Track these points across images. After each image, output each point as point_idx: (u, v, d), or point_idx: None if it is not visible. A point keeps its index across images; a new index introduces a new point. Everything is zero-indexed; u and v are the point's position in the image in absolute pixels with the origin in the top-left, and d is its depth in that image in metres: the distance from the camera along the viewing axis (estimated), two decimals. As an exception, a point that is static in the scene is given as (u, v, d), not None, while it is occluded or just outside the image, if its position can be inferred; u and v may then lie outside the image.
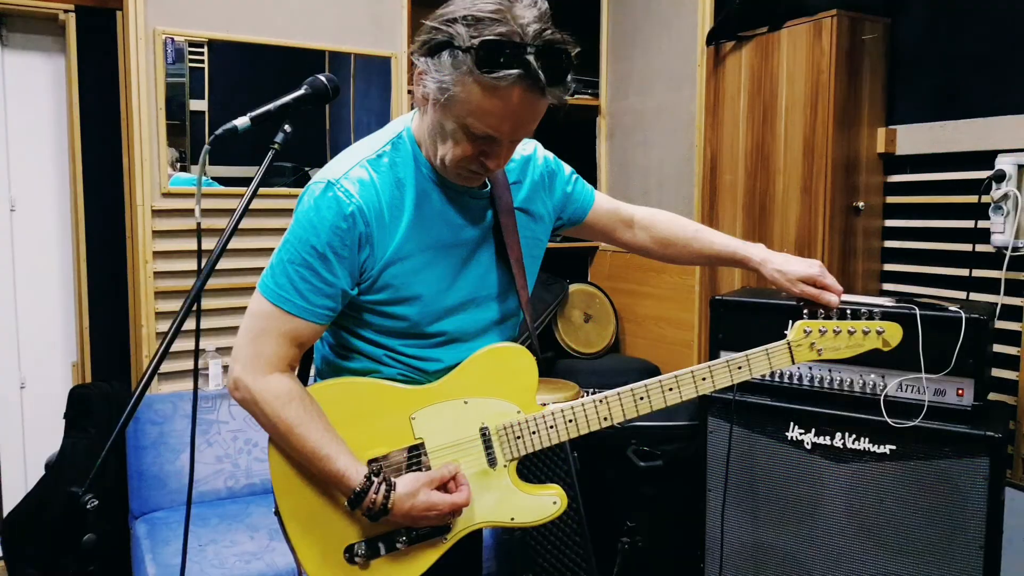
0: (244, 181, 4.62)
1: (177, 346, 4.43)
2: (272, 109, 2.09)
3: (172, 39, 4.42)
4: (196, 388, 2.14)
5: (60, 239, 4.83)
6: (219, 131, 2.01)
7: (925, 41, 4.15)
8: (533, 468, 3.70)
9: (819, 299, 2.45)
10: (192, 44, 4.54)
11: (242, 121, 2.02)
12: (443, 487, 2.21)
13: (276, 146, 2.08)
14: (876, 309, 3.08)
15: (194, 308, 2.05)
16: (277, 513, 2.25)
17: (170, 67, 4.48)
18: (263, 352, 2.13)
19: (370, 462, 2.22)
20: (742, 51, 4.57)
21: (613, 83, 5.79)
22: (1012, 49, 3.77)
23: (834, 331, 2.39)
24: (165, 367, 4.50)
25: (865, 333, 2.42)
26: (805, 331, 2.39)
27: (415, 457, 2.25)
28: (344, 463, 2.12)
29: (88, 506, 1.68)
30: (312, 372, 2.44)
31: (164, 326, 4.44)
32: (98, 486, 4.19)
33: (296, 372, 2.24)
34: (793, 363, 2.39)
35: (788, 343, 2.39)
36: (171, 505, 4.22)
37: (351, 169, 2.14)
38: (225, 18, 4.57)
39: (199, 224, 2.09)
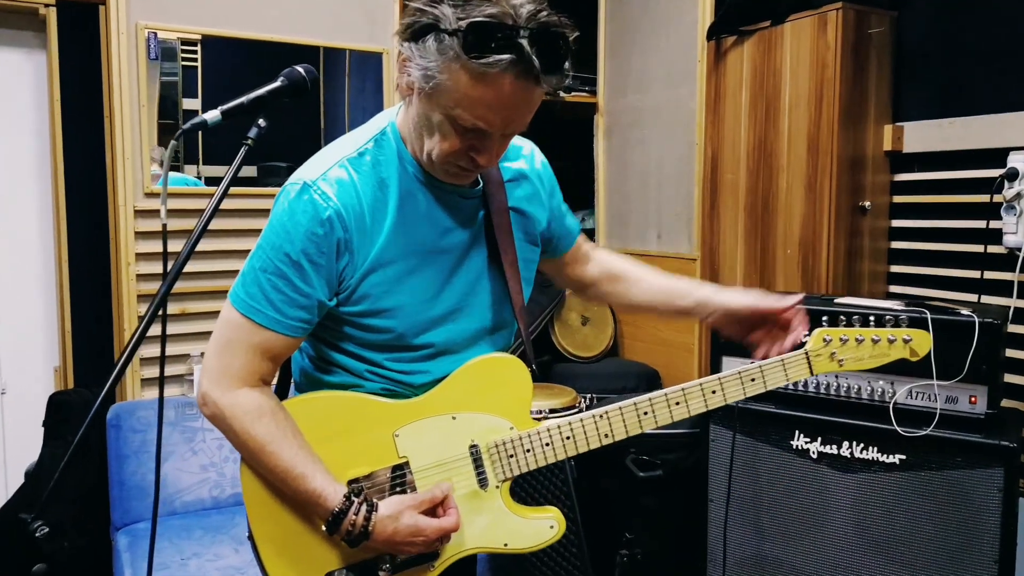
0: (238, 181, 4.48)
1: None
2: (245, 102, 1.97)
3: (155, 34, 4.31)
4: (162, 396, 2.03)
5: (41, 240, 4.69)
6: (187, 125, 1.90)
7: (933, 35, 4.04)
8: (527, 477, 3.57)
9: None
10: (184, 42, 4.44)
11: (212, 115, 1.91)
12: (431, 510, 2.07)
13: (249, 142, 1.95)
14: (887, 313, 2.98)
15: (162, 313, 1.92)
16: (251, 538, 2.11)
17: (163, 65, 4.39)
18: (232, 365, 2.00)
19: (351, 482, 2.07)
20: (744, 46, 4.46)
21: (611, 80, 5.67)
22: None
23: (856, 340, 2.22)
24: (148, 373, 4.40)
25: (891, 342, 2.24)
26: (825, 339, 2.22)
27: (399, 477, 2.11)
28: (320, 483, 1.98)
29: (38, 534, 1.54)
30: (291, 385, 2.29)
31: (148, 330, 4.30)
32: (73, 498, 4.09)
33: (272, 386, 2.10)
34: (812, 375, 2.22)
35: (806, 353, 2.22)
36: (152, 516, 4.07)
37: (329, 169, 2.00)
38: (211, 13, 4.46)
39: (164, 225, 1.97)
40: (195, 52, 4.48)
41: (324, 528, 2.00)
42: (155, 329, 4.33)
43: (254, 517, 2.08)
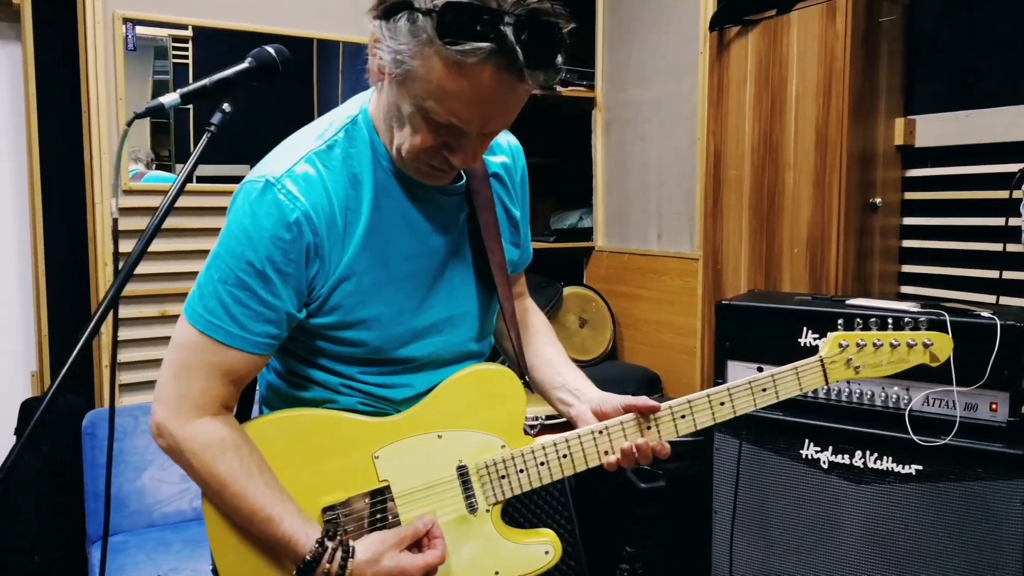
0: (232, 179, 4.36)
1: (140, 355, 4.25)
2: (208, 85, 1.79)
3: (132, 24, 4.16)
4: (113, 405, 1.84)
5: (17, 240, 4.53)
6: (141, 110, 1.71)
7: (947, 23, 3.90)
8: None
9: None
10: (176, 39, 4.33)
11: (170, 98, 1.73)
12: (415, 543, 1.88)
13: (212, 128, 1.76)
14: (904, 316, 2.84)
15: (112, 316, 1.73)
16: (214, 571, 1.93)
17: (155, 64, 4.29)
18: (190, 392, 1.80)
19: (325, 510, 1.89)
20: (748, 36, 4.30)
21: (610, 73, 5.51)
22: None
23: (874, 344, 2.07)
24: (126, 378, 4.25)
25: (910, 346, 2.09)
26: (840, 345, 2.06)
27: (379, 504, 1.93)
28: (290, 526, 1.79)
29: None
30: (256, 399, 2.10)
31: (125, 333, 4.21)
32: (47, 509, 3.94)
33: (234, 411, 1.91)
34: (827, 383, 2.07)
35: (821, 360, 2.06)
36: (131, 528, 3.92)
37: (295, 164, 1.80)
38: (192, 4, 4.32)
39: (115, 220, 1.78)
40: (186, 49, 4.37)
41: (295, 575, 1.82)
42: (132, 332, 4.19)
43: (219, 552, 1.90)
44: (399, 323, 1.90)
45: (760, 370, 3.36)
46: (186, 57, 4.37)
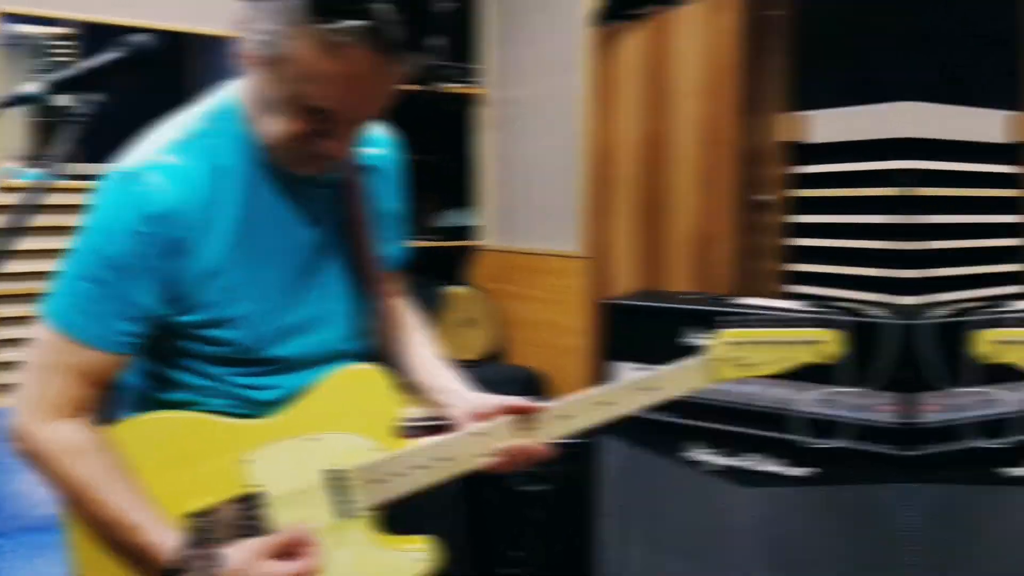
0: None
1: (21, 355, 4.06)
2: (76, 74, 1.67)
3: (5, 18, 4.02)
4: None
5: None
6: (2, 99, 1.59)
7: (836, 17, 3.85)
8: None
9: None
10: (62, 37, 4.25)
11: (34, 88, 1.61)
12: (287, 552, 1.77)
13: (76, 118, 1.63)
14: (793, 314, 2.80)
15: None
16: None
17: (39, 63, 4.19)
18: (47, 393, 1.71)
19: (191, 517, 1.77)
20: (634, 32, 4.26)
21: (493, 70, 5.47)
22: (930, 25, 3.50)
23: (762, 342, 2.02)
24: (7, 378, 4.02)
25: (798, 344, 2.04)
26: (727, 343, 2.01)
27: (249, 510, 1.82)
28: (153, 534, 1.68)
29: None
30: (118, 401, 1.98)
31: (4, 332, 4.09)
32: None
33: (95, 414, 1.79)
34: (714, 382, 2.01)
35: (707, 358, 2.00)
36: (7, 532, 3.73)
37: (158, 155, 1.72)
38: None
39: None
40: (75, 48, 4.26)
41: None
42: (12, 332, 4.03)
43: (78, 562, 1.82)
44: (268, 321, 1.81)
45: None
46: (72, 54, 4.25)
